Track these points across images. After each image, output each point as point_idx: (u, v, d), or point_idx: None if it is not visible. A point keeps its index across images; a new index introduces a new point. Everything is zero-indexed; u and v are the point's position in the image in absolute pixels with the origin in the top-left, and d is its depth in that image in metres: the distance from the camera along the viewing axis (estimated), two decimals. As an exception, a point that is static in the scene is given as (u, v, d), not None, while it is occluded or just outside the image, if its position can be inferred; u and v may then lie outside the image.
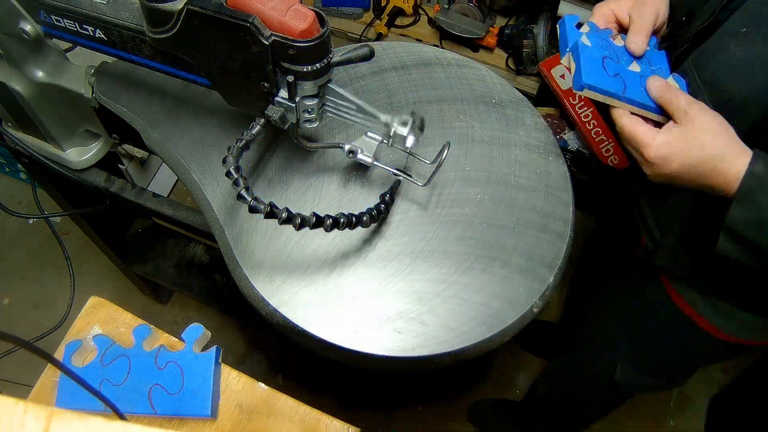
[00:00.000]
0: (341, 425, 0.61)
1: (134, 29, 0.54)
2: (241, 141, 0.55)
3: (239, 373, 0.64)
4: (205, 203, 0.63)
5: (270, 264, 0.59)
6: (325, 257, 0.59)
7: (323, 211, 0.53)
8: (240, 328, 1.57)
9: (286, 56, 0.49)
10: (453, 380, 1.52)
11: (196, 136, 0.67)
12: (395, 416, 1.46)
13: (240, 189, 0.50)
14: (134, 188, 0.83)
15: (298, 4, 0.48)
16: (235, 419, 0.61)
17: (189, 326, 0.61)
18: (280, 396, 0.62)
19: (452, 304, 0.57)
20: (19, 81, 0.68)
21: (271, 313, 0.57)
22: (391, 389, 1.49)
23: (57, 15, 0.57)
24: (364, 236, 0.61)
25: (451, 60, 0.76)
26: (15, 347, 0.36)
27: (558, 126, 1.80)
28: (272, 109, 0.53)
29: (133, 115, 0.68)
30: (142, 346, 0.61)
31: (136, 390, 0.59)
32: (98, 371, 0.60)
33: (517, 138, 0.69)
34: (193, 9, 0.48)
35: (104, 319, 0.67)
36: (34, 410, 0.28)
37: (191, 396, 0.58)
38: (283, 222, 0.50)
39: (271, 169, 0.65)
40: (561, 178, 0.66)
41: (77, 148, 0.81)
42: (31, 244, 1.67)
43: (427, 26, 2.04)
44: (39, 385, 0.63)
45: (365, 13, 2.07)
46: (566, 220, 0.63)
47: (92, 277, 1.62)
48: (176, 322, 1.59)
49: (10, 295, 1.59)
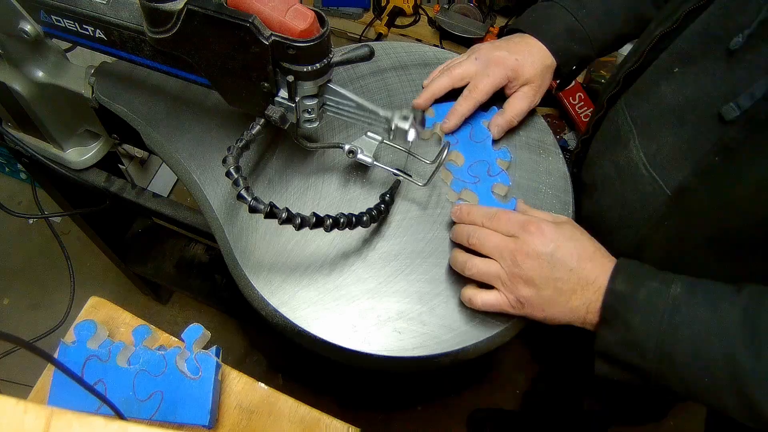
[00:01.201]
0: (341, 425, 0.61)
1: (134, 29, 0.54)
2: (241, 141, 0.55)
3: (239, 373, 0.64)
4: (205, 203, 0.63)
5: (270, 264, 0.59)
6: (325, 257, 0.59)
7: (323, 211, 0.53)
8: (240, 328, 1.57)
9: (286, 56, 0.49)
10: (453, 380, 1.51)
11: (196, 136, 0.67)
12: (395, 416, 1.46)
13: (240, 189, 0.50)
14: (134, 188, 0.83)
15: (298, 4, 0.48)
16: (235, 419, 0.61)
17: (189, 326, 0.61)
18: (280, 396, 0.62)
19: (452, 304, 0.57)
20: (19, 81, 0.68)
21: (271, 313, 0.57)
22: (391, 389, 1.49)
23: (57, 15, 0.57)
24: (364, 236, 0.61)
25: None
26: (15, 347, 0.36)
27: (558, 126, 1.80)
28: (272, 109, 0.53)
29: (133, 115, 0.68)
30: (142, 346, 0.61)
31: (134, 391, 0.59)
32: (95, 370, 0.60)
33: (517, 138, 0.69)
34: (193, 9, 0.48)
35: (104, 319, 0.67)
36: (34, 410, 0.28)
37: (190, 402, 0.58)
38: (283, 222, 0.50)
39: (271, 169, 0.65)
40: (561, 178, 0.66)
41: (77, 148, 0.80)
42: (31, 244, 1.67)
43: (427, 26, 2.04)
44: (39, 385, 0.63)
45: (365, 13, 2.07)
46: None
47: (92, 277, 1.62)
48: (176, 322, 1.59)
49: (10, 295, 1.59)
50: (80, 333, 0.60)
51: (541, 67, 0.67)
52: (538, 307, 0.53)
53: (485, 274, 0.54)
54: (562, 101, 1.76)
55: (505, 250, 0.53)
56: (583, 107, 1.73)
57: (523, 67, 0.66)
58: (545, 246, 0.52)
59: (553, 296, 0.52)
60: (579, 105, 1.74)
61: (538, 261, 0.52)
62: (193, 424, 0.58)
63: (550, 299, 0.52)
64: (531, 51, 0.67)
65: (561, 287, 0.52)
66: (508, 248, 0.53)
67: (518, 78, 0.66)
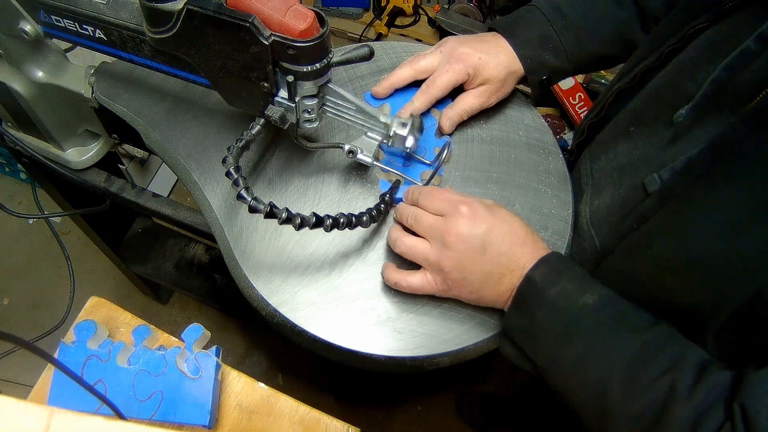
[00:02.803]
0: (341, 425, 0.61)
1: (134, 29, 0.55)
2: (241, 141, 0.55)
3: (239, 373, 0.64)
4: (205, 203, 0.63)
5: (270, 264, 0.59)
6: (324, 257, 0.59)
7: (323, 211, 0.53)
8: (240, 328, 1.57)
9: (286, 56, 0.49)
10: (453, 380, 1.52)
11: (196, 136, 0.67)
12: (395, 416, 1.46)
13: (240, 189, 0.50)
14: (134, 188, 0.83)
15: (298, 4, 0.48)
16: (235, 419, 0.61)
17: (189, 326, 0.61)
18: (280, 396, 0.62)
19: (452, 303, 0.57)
20: (19, 81, 0.68)
21: (271, 313, 0.57)
22: (391, 389, 1.49)
23: (57, 15, 0.57)
24: (364, 236, 0.61)
25: (451, 60, 0.75)
26: (15, 347, 0.36)
27: (558, 126, 1.80)
28: (272, 109, 0.53)
29: (133, 115, 0.68)
30: (142, 346, 0.61)
31: (134, 392, 0.59)
32: (96, 370, 0.60)
33: (517, 138, 0.69)
34: (193, 9, 0.48)
35: (104, 319, 0.67)
36: (34, 410, 0.28)
37: (190, 401, 0.58)
38: (283, 222, 0.50)
39: (271, 169, 0.65)
40: (561, 178, 0.66)
41: (77, 148, 0.81)
42: (31, 244, 1.67)
43: (427, 26, 2.04)
44: (39, 385, 0.63)
45: (365, 13, 2.07)
46: (566, 220, 0.63)
47: (92, 277, 1.62)
48: (176, 322, 1.59)
49: (10, 295, 1.59)
50: (80, 333, 0.60)
51: (504, 71, 0.64)
52: (465, 290, 0.53)
53: (413, 251, 0.54)
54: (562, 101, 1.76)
55: (436, 230, 0.52)
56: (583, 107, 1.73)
57: (486, 66, 0.63)
58: (476, 228, 0.51)
59: (482, 279, 0.51)
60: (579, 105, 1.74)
61: (467, 242, 0.51)
62: (193, 424, 0.58)
63: (478, 282, 0.52)
64: (498, 52, 0.64)
65: (490, 270, 0.51)
66: (438, 229, 0.52)
67: (477, 76, 0.64)
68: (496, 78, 0.64)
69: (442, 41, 0.67)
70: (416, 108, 0.65)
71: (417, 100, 0.65)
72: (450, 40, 0.66)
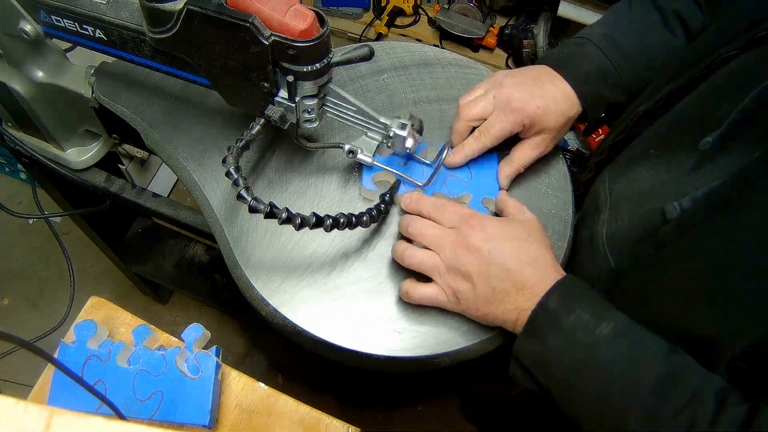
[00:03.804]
0: (341, 425, 0.61)
1: (134, 29, 0.55)
2: (241, 141, 0.55)
3: (239, 373, 0.64)
4: (205, 203, 0.63)
5: (270, 264, 0.59)
6: (325, 257, 0.59)
7: (323, 211, 0.53)
8: (240, 328, 1.57)
9: (286, 56, 0.49)
10: (453, 380, 1.51)
11: (196, 136, 0.67)
12: (395, 416, 1.46)
13: (240, 189, 0.50)
14: (134, 188, 0.83)
15: (298, 4, 0.48)
16: (235, 419, 0.61)
17: (189, 326, 0.61)
18: (280, 396, 0.62)
19: (452, 304, 0.57)
20: (19, 81, 0.68)
21: (271, 313, 0.57)
22: (391, 389, 1.49)
23: (57, 15, 0.57)
24: (364, 236, 0.61)
25: (451, 60, 0.76)
26: (15, 347, 0.36)
27: (558, 126, 1.80)
28: (272, 109, 0.53)
29: (133, 115, 0.68)
30: (142, 346, 0.61)
31: (134, 392, 0.59)
32: (96, 370, 0.60)
33: (517, 138, 0.69)
34: (193, 9, 0.48)
35: (104, 319, 0.67)
36: (34, 410, 0.28)
37: (190, 401, 0.58)
38: (283, 222, 0.50)
39: (271, 169, 0.65)
40: (561, 178, 0.66)
41: (77, 148, 0.81)
42: (31, 244, 1.67)
43: (427, 26, 2.04)
44: (39, 385, 0.63)
45: (365, 13, 2.07)
46: (566, 220, 0.63)
47: (92, 277, 1.62)
48: (176, 322, 1.59)
49: (10, 295, 1.59)
50: (80, 333, 0.60)
51: (563, 119, 0.61)
52: (473, 305, 0.52)
53: (424, 264, 0.53)
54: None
55: (445, 241, 0.52)
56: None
57: (544, 116, 0.60)
58: (484, 241, 0.51)
59: (488, 295, 0.51)
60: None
61: (475, 255, 0.51)
62: (193, 424, 0.58)
63: (485, 297, 0.51)
64: (556, 96, 0.60)
65: (495, 286, 0.51)
66: (448, 240, 0.52)
67: (535, 126, 0.60)
68: (554, 128, 0.61)
69: (494, 79, 0.63)
70: (466, 155, 0.62)
71: (469, 146, 0.62)
72: (504, 83, 0.61)
